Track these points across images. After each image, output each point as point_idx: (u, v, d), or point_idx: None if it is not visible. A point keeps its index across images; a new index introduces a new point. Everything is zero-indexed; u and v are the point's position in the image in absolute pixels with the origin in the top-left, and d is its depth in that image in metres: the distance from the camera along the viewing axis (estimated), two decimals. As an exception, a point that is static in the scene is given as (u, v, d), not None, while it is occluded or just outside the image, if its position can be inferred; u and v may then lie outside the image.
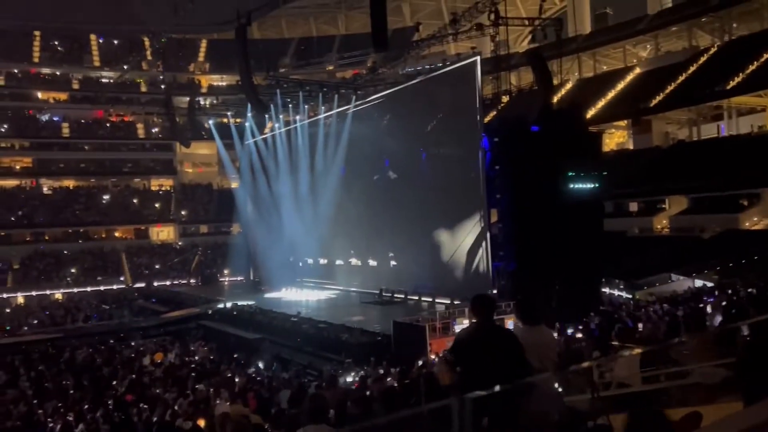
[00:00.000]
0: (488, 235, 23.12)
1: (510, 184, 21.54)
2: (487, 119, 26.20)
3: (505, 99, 26.55)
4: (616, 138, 44.22)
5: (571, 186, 21.06)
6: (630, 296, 24.15)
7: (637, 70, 41.96)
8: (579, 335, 15.14)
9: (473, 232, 23.90)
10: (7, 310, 36.67)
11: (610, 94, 40.85)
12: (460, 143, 24.41)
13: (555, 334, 13.57)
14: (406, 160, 27.68)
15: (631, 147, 40.83)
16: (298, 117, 35.90)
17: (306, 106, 35.05)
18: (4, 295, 41.31)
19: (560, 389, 4.60)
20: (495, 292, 22.16)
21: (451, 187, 24.94)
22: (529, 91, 27.30)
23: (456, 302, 22.75)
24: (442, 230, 25.83)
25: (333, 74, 51.85)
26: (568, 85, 43.10)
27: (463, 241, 24.48)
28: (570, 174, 21.03)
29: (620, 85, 41.28)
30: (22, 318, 32.78)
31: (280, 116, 36.38)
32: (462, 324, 18.72)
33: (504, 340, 4.36)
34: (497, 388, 3.43)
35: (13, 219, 48.41)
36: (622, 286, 25.68)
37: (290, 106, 35.49)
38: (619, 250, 28.57)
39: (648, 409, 2.68)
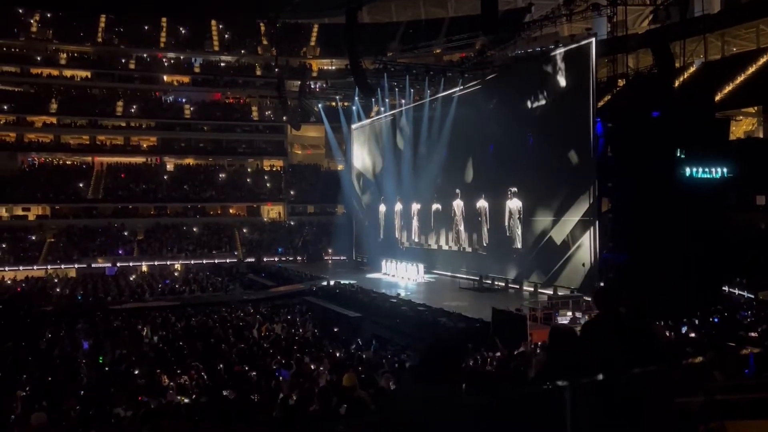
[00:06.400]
0: (597, 224, 22.23)
1: (625, 171, 20.52)
2: (601, 103, 25.06)
3: (621, 82, 25.17)
4: (743, 126, 40.84)
5: (694, 175, 19.76)
6: (752, 296, 22.40)
7: (772, 52, 38.39)
8: (693, 334, 14.25)
9: (581, 222, 23.04)
10: (132, 278, 39.72)
11: (740, 78, 37.69)
12: (571, 128, 23.51)
13: (666, 332, 12.87)
14: (512, 145, 27.10)
15: (761, 135, 37.61)
16: (403, 101, 36.05)
17: (412, 90, 35.08)
18: (131, 264, 44.82)
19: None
20: (602, 284, 21.32)
21: (559, 173, 24.16)
22: (648, 75, 25.71)
23: (559, 293, 22.13)
24: (547, 218, 25.11)
25: (440, 57, 51.44)
26: (692, 69, 40.20)
27: (570, 230, 23.66)
28: (693, 163, 19.72)
29: (751, 69, 37.96)
30: (145, 285, 35.43)
31: (386, 100, 36.67)
32: (565, 315, 18.20)
33: (635, 332, 4.20)
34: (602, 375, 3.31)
35: (139, 193, 52.34)
36: (744, 284, 23.85)
37: (396, 89, 35.67)
38: (743, 245, 26.50)
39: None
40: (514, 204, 27.17)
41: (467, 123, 29.95)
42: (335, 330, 20.14)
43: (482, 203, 29.53)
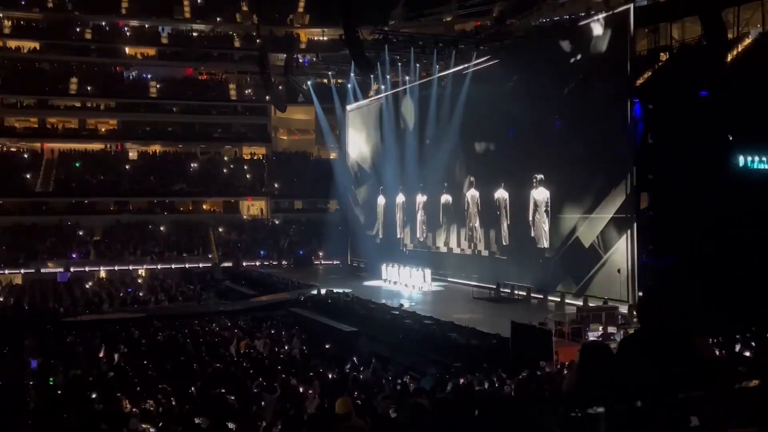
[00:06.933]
0: (635, 223, 22.26)
1: (668, 160, 20.52)
2: (640, 81, 25.05)
3: (664, 56, 25.18)
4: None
5: (749, 166, 19.79)
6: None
7: (843, 21, 38.35)
8: (747, 353, 14.26)
9: (616, 220, 23.07)
10: (88, 285, 39.71)
11: (804, 52, 37.66)
12: (604, 110, 23.53)
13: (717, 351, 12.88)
14: (536, 129, 27.09)
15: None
16: (408, 77, 36.02)
17: (418, 65, 35.05)
18: (86, 269, 44.79)
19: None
20: (640, 294, 21.37)
21: (590, 163, 24.21)
22: (696, 47, 25.67)
23: (590, 304, 22.14)
24: (575, 216, 25.13)
25: (451, 27, 51.38)
26: (747, 41, 40.15)
27: (603, 230, 23.70)
28: (748, 151, 19.74)
29: (818, 40, 37.94)
30: (104, 294, 35.45)
31: (388, 77, 36.62)
32: (597, 330, 18.22)
33: (679, 350, 4.19)
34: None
35: (97, 186, 52.19)
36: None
37: (399, 64, 35.64)
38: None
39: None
40: (540, 194, 27.12)
41: (483, 104, 29.92)
42: (327, 347, 20.18)
43: (501, 194, 29.55)
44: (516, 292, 27.58)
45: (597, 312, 19.55)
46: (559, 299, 25.08)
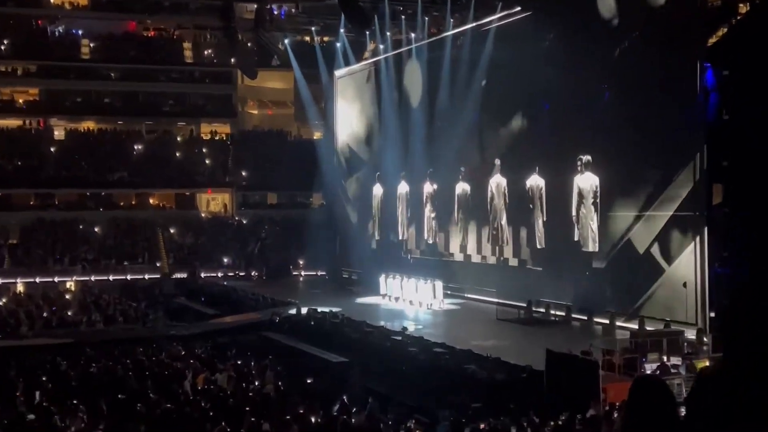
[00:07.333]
0: (706, 225, 22.27)
1: (749, 142, 20.56)
2: (712, 41, 25.11)
3: (743, 8, 25.16)
4: None
5: None
6: None
7: None
8: None
9: (680, 218, 23.16)
10: (2, 302, 39.57)
11: None
12: (666, 78, 23.54)
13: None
14: (578, 102, 27.11)
15: None
16: (413, 35, 36.01)
17: (426, 19, 35.05)
18: None
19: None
20: (712, 315, 21.38)
21: (648, 145, 24.26)
22: (785, -4, 25.70)
23: (648, 328, 22.19)
24: (629, 213, 25.20)
25: (470, -31, 51.51)
26: None
27: (663, 232, 23.78)
28: None
29: None
30: (22, 313, 35.42)
31: (388, 34, 36.60)
32: (655, 362, 18.27)
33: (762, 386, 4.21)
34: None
35: (12, 173, 51.97)
36: None
37: (403, 18, 35.61)
38: None
39: None
40: (586, 181, 27.08)
41: (510, 68, 30.00)
42: (309, 382, 20.25)
43: (535, 181, 29.58)
44: (553, 311, 27.62)
45: (656, 338, 19.59)
46: (607, 321, 25.05)
